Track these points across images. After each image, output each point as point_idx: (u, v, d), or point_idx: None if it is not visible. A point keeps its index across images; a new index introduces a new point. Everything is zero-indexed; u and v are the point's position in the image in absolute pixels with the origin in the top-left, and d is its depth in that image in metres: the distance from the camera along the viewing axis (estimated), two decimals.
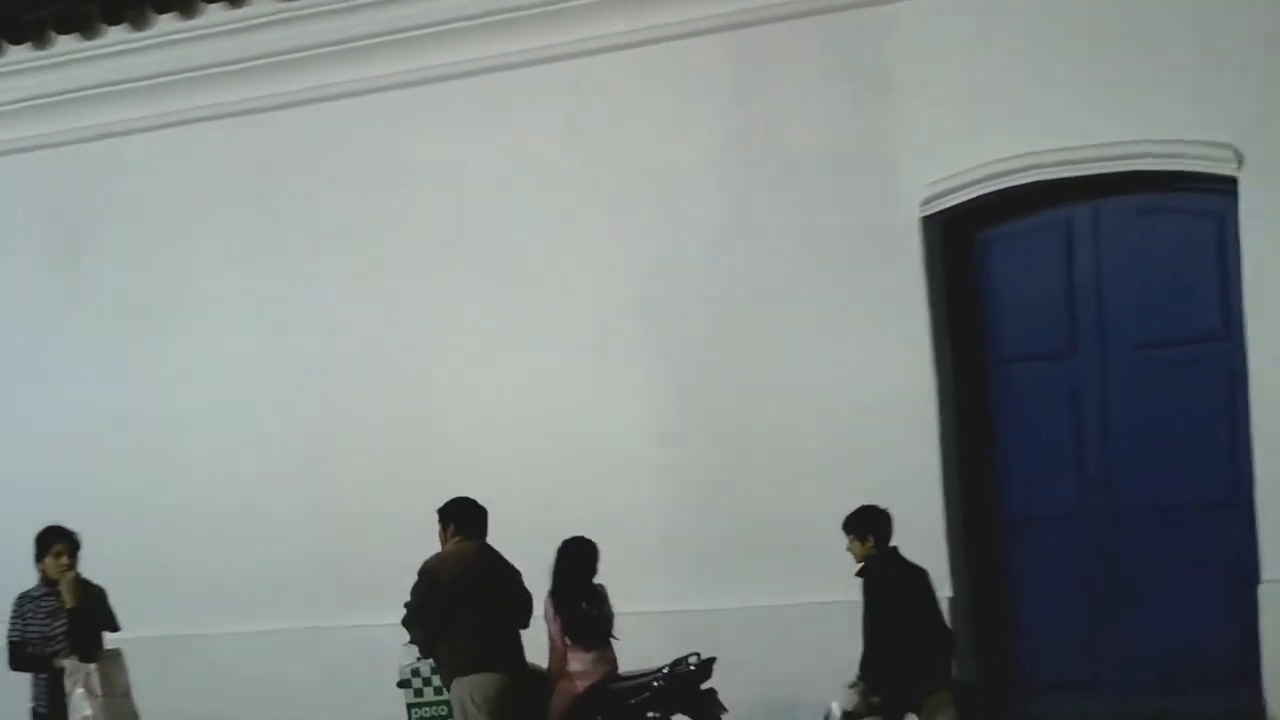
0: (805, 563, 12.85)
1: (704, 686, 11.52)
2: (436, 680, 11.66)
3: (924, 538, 12.54)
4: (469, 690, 10.97)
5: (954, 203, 12.77)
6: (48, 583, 11.73)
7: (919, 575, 11.08)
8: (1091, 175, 12.48)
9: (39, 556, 11.83)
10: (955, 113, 12.70)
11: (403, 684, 11.95)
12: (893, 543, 11.07)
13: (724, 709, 11.47)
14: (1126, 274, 12.71)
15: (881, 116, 12.91)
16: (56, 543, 11.76)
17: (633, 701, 11.50)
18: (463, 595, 10.97)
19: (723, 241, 13.30)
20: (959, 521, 12.91)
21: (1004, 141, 12.56)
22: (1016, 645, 13.05)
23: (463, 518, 11.37)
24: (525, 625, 11.33)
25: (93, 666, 11.32)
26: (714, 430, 13.30)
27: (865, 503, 11.22)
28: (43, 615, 11.64)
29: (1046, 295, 12.91)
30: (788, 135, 13.16)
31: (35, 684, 11.75)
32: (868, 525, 11.02)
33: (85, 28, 14.63)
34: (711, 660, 11.50)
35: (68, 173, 15.21)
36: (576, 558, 11.72)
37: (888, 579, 10.89)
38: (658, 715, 11.54)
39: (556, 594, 11.58)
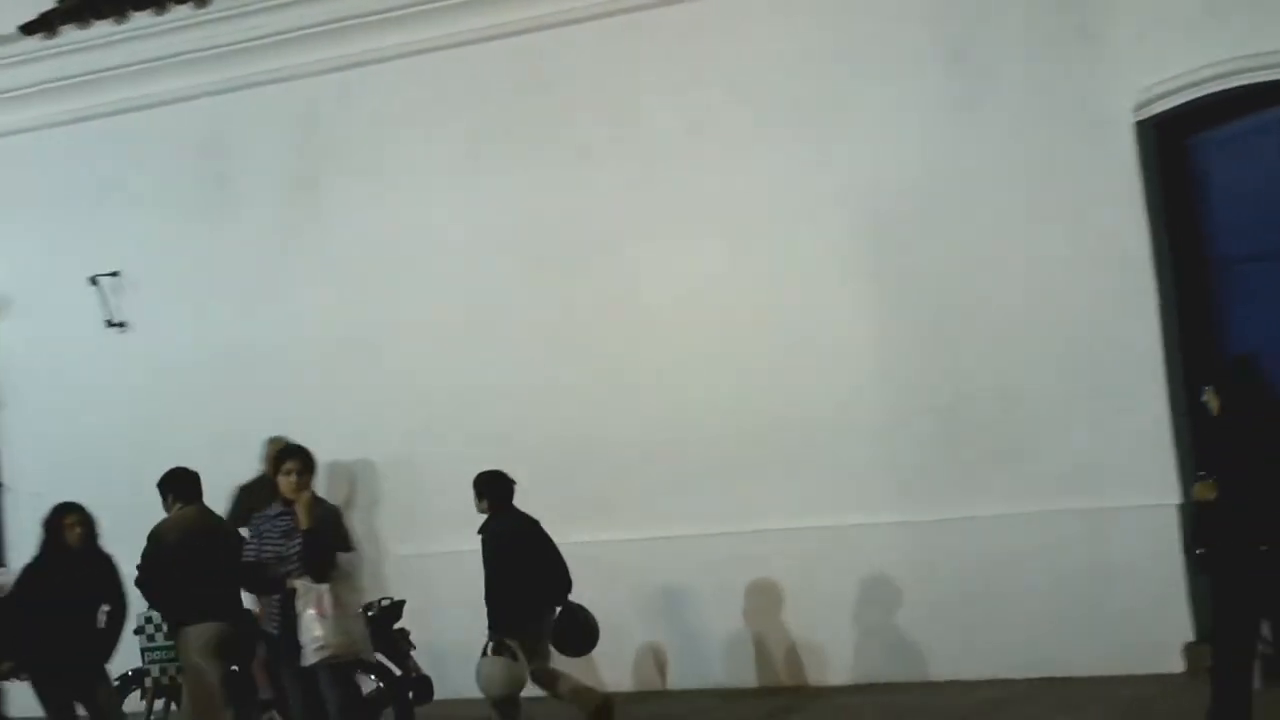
0: (1026, 466, 12.97)
1: (396, 626, 12.50)
2: (166, 627, 12.60)
3: (1149, 437, 12.65)
4: (193, 639, 11.88)
5: (1165, 108, 12.74)
6: (284, 502, 11.53)
7: (532, 528, 11.97)
8: None
9: (272, 475, 11.85)
10: (1164, 20, 12.68)
11: (137, 631, 13.03)
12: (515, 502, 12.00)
13: (413, 646, 12.52)
14: None
15: (1093, 27, 12.88)
16: (288, 460, 11.59)
17: None
18: (183, 556, 11.80)
19: (935, 150, 13.34)
20: (1185, 420, 12.82)
21: (1212, 47, 12.52)
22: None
23: (179, 486, 12.14)
24: None
25: (324, 587, 11.10)
26: (928, 333, 13.37)
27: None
28: (278, 535, 11.44)
29: (1264, 196, 12.80)
30: (998, 47, 13.19)
31: (268, 605, 11.62)
32: (480, 488, 11.99)
33: None
34: (402, 602, 12.58)
35: (312, 101, 15.63)
36: None
37: (500, 533, 11.82)
38: None
39: None
